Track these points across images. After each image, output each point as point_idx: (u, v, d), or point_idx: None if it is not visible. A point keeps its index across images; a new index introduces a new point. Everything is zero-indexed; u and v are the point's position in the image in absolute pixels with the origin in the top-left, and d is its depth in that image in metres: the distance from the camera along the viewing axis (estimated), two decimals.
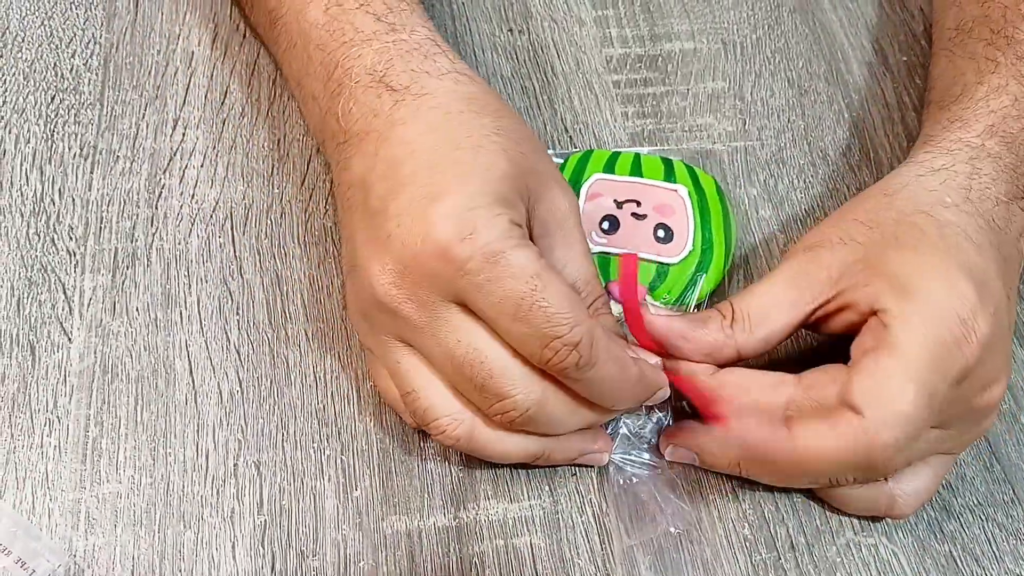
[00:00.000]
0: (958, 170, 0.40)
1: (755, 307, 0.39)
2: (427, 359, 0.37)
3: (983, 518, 0.41)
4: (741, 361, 0.39)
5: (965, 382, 0.36)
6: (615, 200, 0.46)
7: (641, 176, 0.47)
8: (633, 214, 0.46)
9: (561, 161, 0.48)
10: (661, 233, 0.45)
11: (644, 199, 0.46)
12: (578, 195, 0.46)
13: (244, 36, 0.52)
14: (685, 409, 0.42)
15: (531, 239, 0.37)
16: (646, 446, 0.41)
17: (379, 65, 0.39)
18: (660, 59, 0.54)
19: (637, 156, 0.48)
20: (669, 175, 0.47)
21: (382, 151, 0.37)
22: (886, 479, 0.38)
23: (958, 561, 0.40)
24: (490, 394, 0.35)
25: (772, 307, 0.39)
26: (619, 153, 0.48)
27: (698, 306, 0.44)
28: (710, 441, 0.39)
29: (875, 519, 0.41)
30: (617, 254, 0.45)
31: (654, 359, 0.40)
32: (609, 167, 0.47)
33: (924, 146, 0.43)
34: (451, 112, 0.38)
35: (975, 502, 0.42)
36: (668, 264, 0.44)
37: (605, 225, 0.45)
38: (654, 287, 0.44)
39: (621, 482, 0.41)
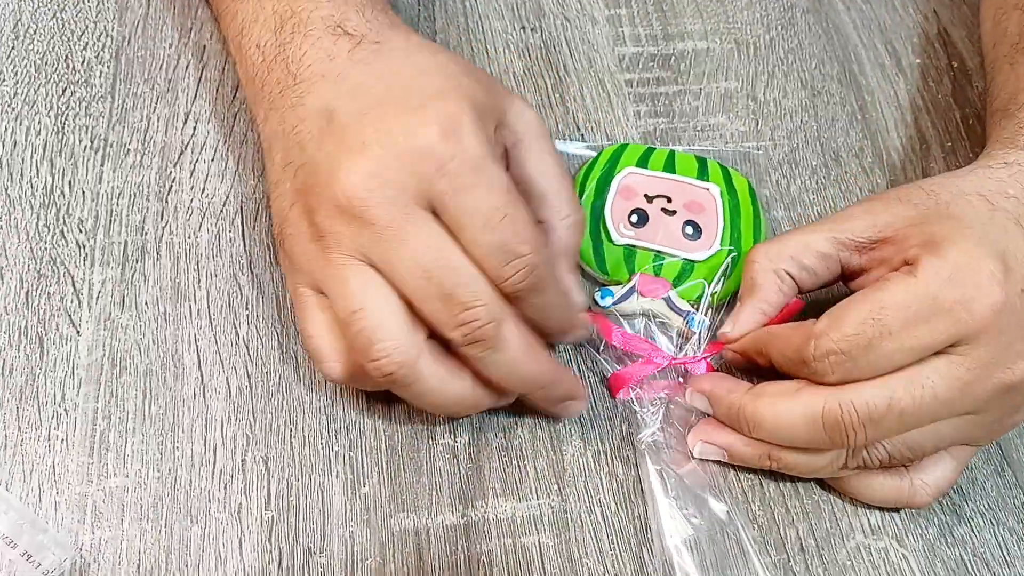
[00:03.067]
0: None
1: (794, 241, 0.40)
2: (387, 271, 0.35)
3: (994, 523, 0.41)
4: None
5: (971, 350, 0.36)
6: (646, 194, 0.46)
7: (674, 173, 0.47)
8: (663, 209, 0.46)
9: (594, 153, 0.48)
10: (690, 230, 0.45)
11: (675, 195, 0.46)
12: (608, 187, 0.46)
13: None
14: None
15: (504, 150, 0.39)
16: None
17: (336, 14, 0.40)
18: (673, 58, 0.53)
19: (672, 153, 0.48)
20: (703, 174, 0.47)
21: (345, 84, 0.38)
22: (906, 467, 0.38)
23: (968, 565, 0.40)
24: (456, 303, 0.35)
25: (811, 237, 0.40)
26: (654, 149, 0.48)
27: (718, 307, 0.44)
28: (740, 437, 0.39)
29: (886, 520, 0.40)
30: (644, 247, 0.44)
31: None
32: (643, 162, 0.47)
33: (996, 144, 0.43)
34: (410, 52, 0.39)
35: (986, 506, 0.41)
36: (694, 261, 0.44)
37: (634, 218, 0.45)
38: (679, 283, 0.44)
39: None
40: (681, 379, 0.42)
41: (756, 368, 0.41)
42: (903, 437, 0.37)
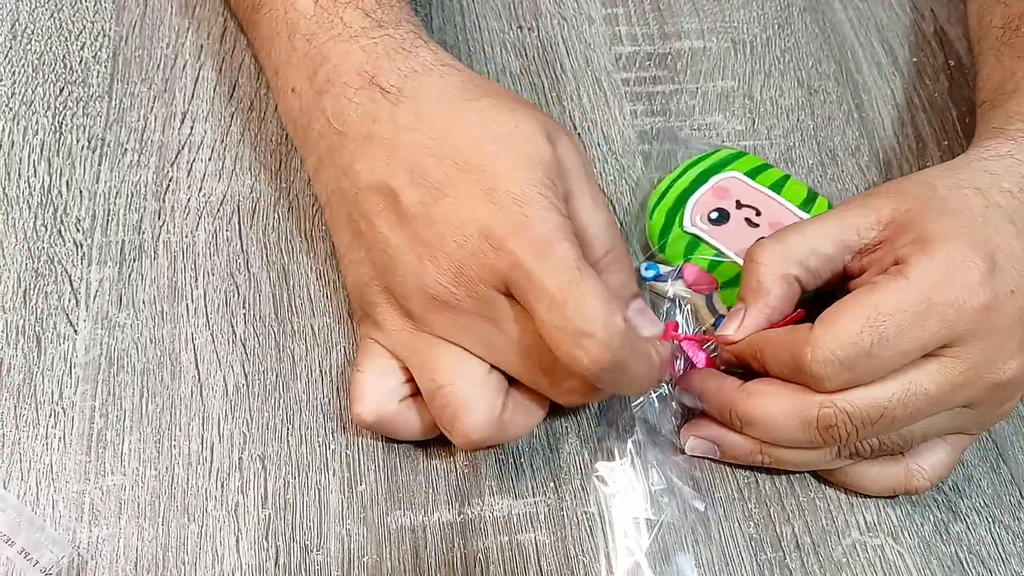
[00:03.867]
0: (1022, 159, 0.40)
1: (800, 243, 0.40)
2: (485, 355, 0.37)
3: (990, 520, 0.41)
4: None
5: (962, 351, 0.36)
6: (737, 200, 0.46)
7: (779, 194, 0.47)
8: (747, 219, 0.46)
9: (709, 150, 0.48)
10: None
11: (766, 212, 0.46)
12: (705, 182, 0.47)
13: None
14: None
15: None
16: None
17: (367, 64, 0.39)
18: (669, 57, 0.54)
19: (785, 176, 0.48)
20: (807, 205, 0.47)
21: (396, 156, 0.37)
22: (902, 453, 0.38)
23: (964, 563, 0.40)
24: (570, 336, 0.34)
25: (817, 239, 0.39)
26: (769, 166, 0.48)
27: None
28: (731, 433, 0.39)
29: (882, 517, 0.40)
30: (708, 243, 0.45)
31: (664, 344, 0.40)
32: (753, 173, 0.47)
33: (986, 134, 0.42)
34: (452, 107, 0.38)
35: (982, 504, 0.41)
36: None
37: (714, 215, 0.46)
38: (726, 287, 0.44)
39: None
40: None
41: (749, 370, 0.41)
42: (894, 435, 0.37)
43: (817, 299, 0.40)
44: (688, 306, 0.44)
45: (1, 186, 0.46)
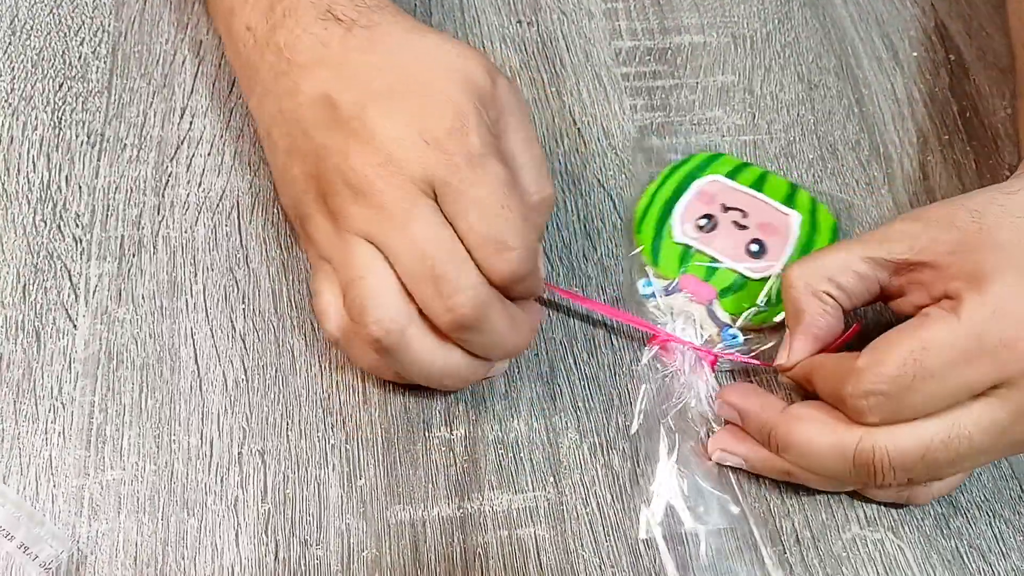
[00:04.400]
0: None
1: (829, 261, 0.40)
2: (388, 252, 0.37)
3: (990, 514, 0.41)
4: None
5: (1012, 393, 0.35)
6: (723, 204, 0.46)
7: (761, 192, 0.47)
8: (735, 222, 0.45)
9: (682, 158, 0.48)
10: (755, 247, 0.45)
11: (752, 212, 0.46)
12: (688, 187, 0.47)
13: None
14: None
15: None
16: None
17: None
18: (669, 52, 0.53)
19: (764, 173, 0.48)
20: (789, 200, 0.47)
21: (343, 71, 0.39)
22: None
23: (964, 557, 0.40)
24: (446, 285, 0.36)
25: (847, 256, 0.39)
26: (748, 165, 0.48)
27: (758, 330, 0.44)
28: (764, 450, 0.39)
29: (882, 511, 0.40)
30: (700, 251, 0.45)
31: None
32: (732, 174, 0.47)
33: None
34: (403, 37, 0.40)
35: (982, 498, 0.41)
36: (748, 278, 0.44)
37: (702, 222, 0.45)
38: (725, 295, 0.44)
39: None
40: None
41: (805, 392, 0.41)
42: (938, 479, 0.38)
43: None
44: (692, 318, 0.44)
45: (0, 181, 0.46)
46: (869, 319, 0.44)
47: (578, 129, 0.50)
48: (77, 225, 0.45)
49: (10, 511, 0.38)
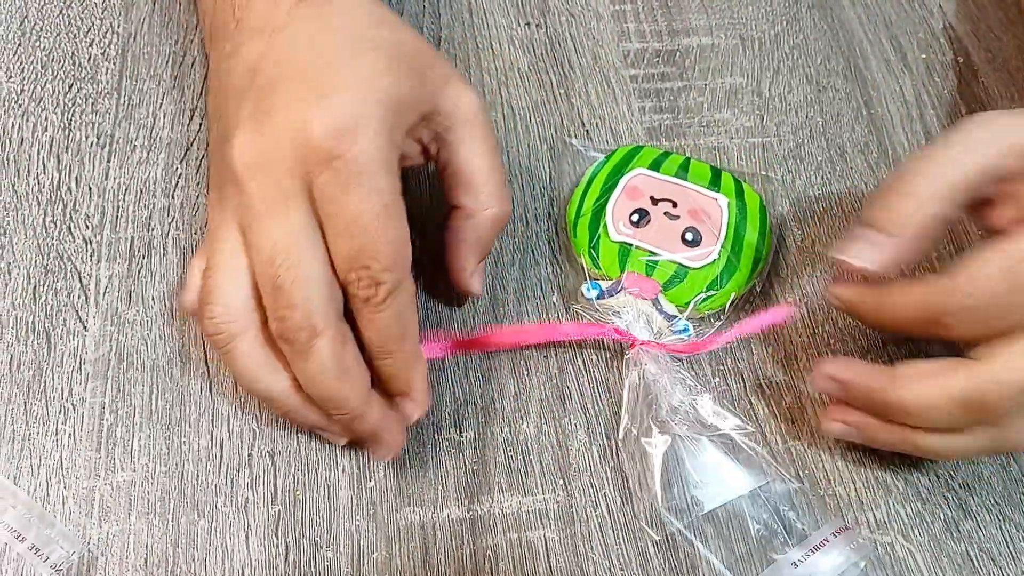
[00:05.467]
0: None
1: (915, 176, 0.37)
2: (247, 243, 0.36)
3: (1000, 517, 0.41)
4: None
5: None
6: (651, 196, 0.46)
7: (685, 179, 0.47)
8: (666, 213, 0.45)
9: (603, 156, 0.48)
10: (689, 236, 0.45)
11: (681, 201, 0.46)
12: (615, 186, 0.46)
13: None
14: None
15: (436, 134, 0.39)
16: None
17: None
18: (678, 54, 0.53)
19: (686, 160, 0.48)
20: (714, 184, 0.47)
21: (276, 42, 0.38)
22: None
23: (974, 560, 0.40)
24: (283, 297, 0.35)
25: (953, 173, 0.37)
26: (669, 154, 0.48)
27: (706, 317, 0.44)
28: (870, 418, 0.39)
29: (892, 515, 0.40)
30: (639, 246, 0.45)
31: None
32: (655, 165, 0.47)
33: None
34: (350, 20, 0.38)
35: (992, 501, 0.41)
36: (688, 267, 0.44)
37: (635, 217, 0.45)
38: (669, 287, 0.44)
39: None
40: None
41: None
42: None
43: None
44: (641, 315, 0.43)
45: (11, 182, 0.46)
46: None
47: (587, 131, 0.50)
48: (87, 226, 0.45)
49: (21, 512, 0.38)
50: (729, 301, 0.44)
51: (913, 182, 0.37)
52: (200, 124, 0.48)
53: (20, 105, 0.48)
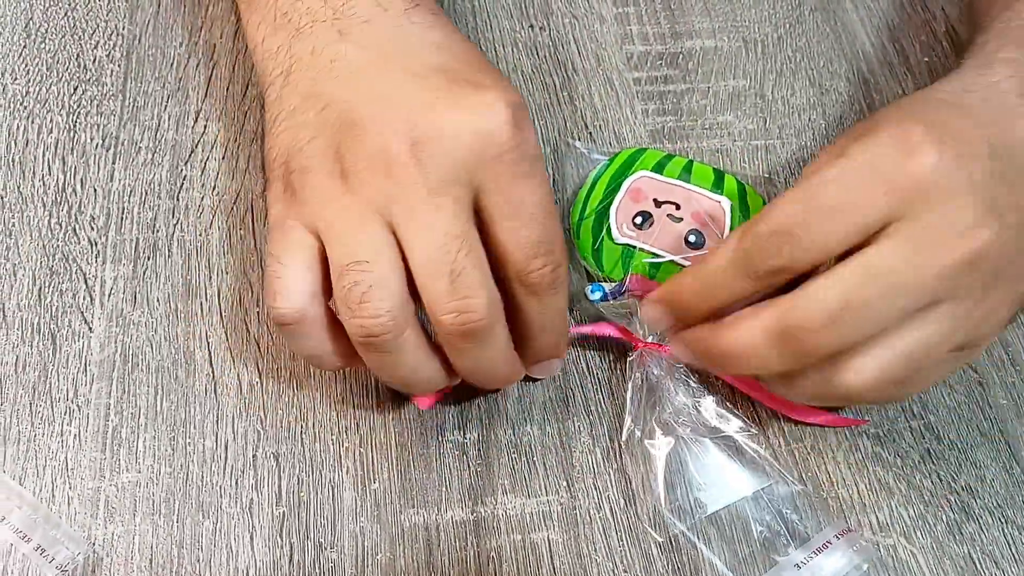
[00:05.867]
0: (966, 76, 0.39)
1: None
2: (404, 235, 0.34)
3: (1002, 520, 0.41)
4: None
5: (914, 222, 0.33)
6: (655, 199, 0.46)
7: (688, 182, 0.47)
8: (669, 215, 0.46)
9: (606, 159, 0.48)
10: (692, 238, 0.45)
11: (685, 203, 0.46)
12: (619, 189, 0.46)
13: None
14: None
15: None
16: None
17: None
18: (681, 57, 0.54)
19: (690, 162, 0.48)
20: (717, 186, 0.47)
21: (400, 40, 0.37)
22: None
23: (977, 563, 0.40)
24: (461, 285, 0.34)
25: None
26: (672, 156, 0.48)
27: None
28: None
29: (894, 517, 0.40)
30: (642, 248, 0.45)
31: None
32: (658, 168, 0.47)
33: (970, 63, 0.41)
34: (460, 35, 0.39)
35: (995, 504, 0.41)
36: None
37: (638, 220, 0.45)
38: None
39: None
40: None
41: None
42: (886, 344, 0.34)
43: None
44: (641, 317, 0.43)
45: (16, 184, 0.46)
46: None
47: (590, 133, 0.50)
48: (92, 228, 0.45)
49: (27, 513, 0.38)
50: None
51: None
52: (205, 127, 0.49)
53: (25, 107, 0.49)
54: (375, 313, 0.33)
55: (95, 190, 0.46)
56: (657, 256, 0.45)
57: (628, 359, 0.42)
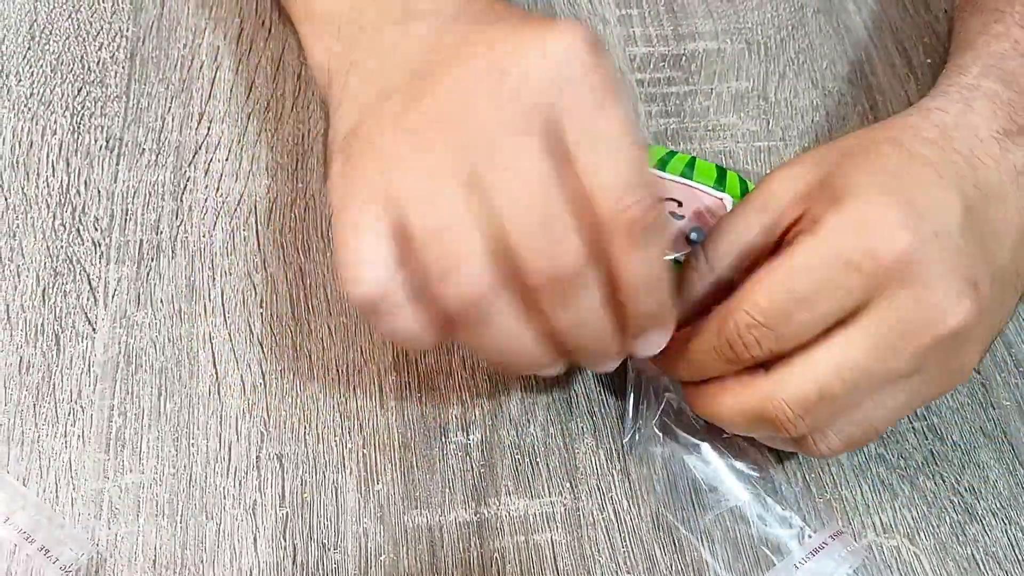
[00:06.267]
0: (949, 109, 0.39)
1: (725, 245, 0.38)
2: (490, 186, 0.31)
3: (1006, 521, 0.41)
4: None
5: (889, 305, 0.34)
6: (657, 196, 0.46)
7: (691, 179, 0.47)
8: (671, 212, 0.46)
9: None
10: (693, 236, 0.45)
11: (686, 200, 0.46)
12: None
13: (269, 32, 0.52)
14: None
15: None
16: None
17: None
18: (684, 58, 0.54)
19: (693, 159, 0.48)
20: (719, 183, 0.47)
21: (462, 21, 0.35)
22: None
23: (980, 564, 0.40)
24: (550, 232, 0.31)
25: (745, 235, 0.37)
26: (675, 153, 0.48)
27: None
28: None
29: (898, 519, 0.40)
30: None
31: None
32: (661, 164, 0.47)
33: (933, 90, 0.41)
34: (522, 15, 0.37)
35: (998, 505, 0.41)
36: None
37: None
38: None
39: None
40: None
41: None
42: (851, 420, 0.36)
43: None
44: None
45: (20, 185, 0.46)
46: None
47: None
48: (96, 229, 0.45)
49: (31, 514, 0.38)
50: None
51: (703, 255, 0.38)
52: (209, 128, 0.49)
53: (30, 108, 0.49)
54: (461, 283, 0.31)
55: (99, 191, 0.46)
56: None
57: (631, 361, 0.43)
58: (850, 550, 0.39)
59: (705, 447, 0.41)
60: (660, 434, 0.41)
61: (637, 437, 0.41)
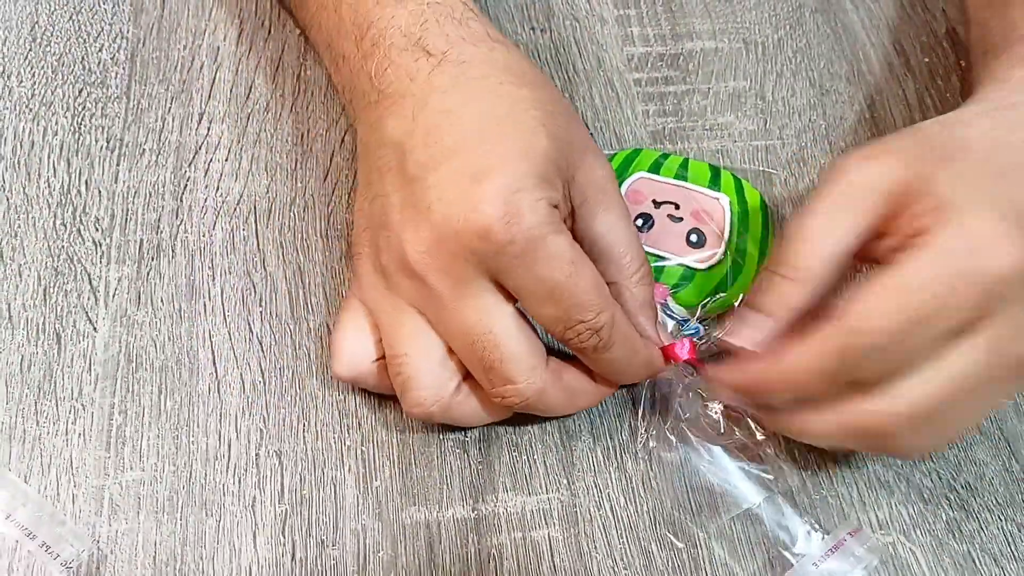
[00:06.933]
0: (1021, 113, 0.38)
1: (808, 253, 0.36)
2: (439, 331, 0.37)
3: (1002, 518, 0.41)
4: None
5: (999, 321, 0.34)
6: (654, 200, 0.46)
7: (686, 180, 0.47)
8: (669, 215, 0.46)
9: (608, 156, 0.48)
10: (694, 238, 0.45)
11: (684, 203, 0.46)
12: None
13: (269, 32, 0.52)
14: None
15: (571, 208, 0.38)
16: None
17: (414, 27, 0.39)
18: (681, 58, 0.54)
19: (686, 160, 0.48)
20: (714, 183, 0.47)
21: (420, 117, 0.37)
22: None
23: (976, 560, 0.40)
24: (496, 377, 0.37)
25: (835, 238, 0.36)
26: (668, 155, 0.48)
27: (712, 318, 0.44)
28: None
29: (894, 515, 0.41)
30: (646, 252, 0.45)
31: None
32: (655, 167, 0.48)
33: (991, 85, 0.40)
34: (490, 83, 0.38)
35: (994, 502, 0.41)
36: (695, 269, 0.44)
37: (639, 222, 0.45)
38: (678, 289, 0.44)
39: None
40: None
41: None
42: (951, 426, 0.37)
43: None
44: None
45: (21, 185, 0.47)
46: None
47: (591, 134, 0.51)
48: (97, 229, 0.46)
49: (32, 511, 0.38)
50: (738, 301, 0.44)
51: (794, 263, 0.36)
52: (209, 128, 0.49)
53: (31, 109, 0.49)
54: (416, 401, 0.37)
55: (99, 191, 0.47)
56: (661, 259, 0.45)
57: None
58: (868, 547, 0.39)
59: (717, 451, 0.41)
60: (673, 439, 0.41)
61: (649, 440, 0.41)
